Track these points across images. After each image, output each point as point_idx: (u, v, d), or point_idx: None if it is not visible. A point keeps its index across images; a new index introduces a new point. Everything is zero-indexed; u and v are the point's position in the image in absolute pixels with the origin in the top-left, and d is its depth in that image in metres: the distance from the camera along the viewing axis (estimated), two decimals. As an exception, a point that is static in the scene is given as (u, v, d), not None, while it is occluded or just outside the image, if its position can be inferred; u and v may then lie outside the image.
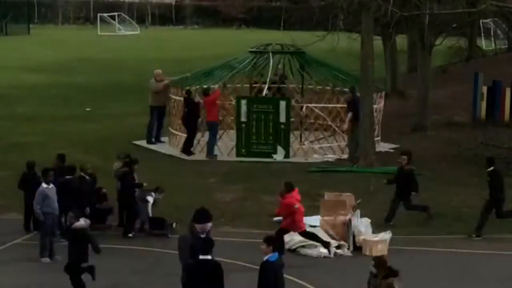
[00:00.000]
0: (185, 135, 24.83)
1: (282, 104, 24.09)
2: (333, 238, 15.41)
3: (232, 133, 24.76)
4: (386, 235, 15.61)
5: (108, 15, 76.54)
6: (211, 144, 24.01)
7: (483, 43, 51.76)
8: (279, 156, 23.79)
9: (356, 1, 23.23)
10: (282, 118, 23.90)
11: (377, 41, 28.63)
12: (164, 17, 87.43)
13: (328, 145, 24.79)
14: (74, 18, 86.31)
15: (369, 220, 16.12)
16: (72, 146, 25.56)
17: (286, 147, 24.00)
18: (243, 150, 24.08)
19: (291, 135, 24.61)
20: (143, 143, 26.27)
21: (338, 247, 15.29)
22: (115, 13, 77.17)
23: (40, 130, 28.71)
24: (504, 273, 14.34)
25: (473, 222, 17.40)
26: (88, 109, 33.49)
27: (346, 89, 25.20)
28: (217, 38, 63.44)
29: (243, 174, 22.07)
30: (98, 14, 76.33)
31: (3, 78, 41.92)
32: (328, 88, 26.25)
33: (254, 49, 27.00)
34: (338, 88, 25.95)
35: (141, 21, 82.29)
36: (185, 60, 43.81)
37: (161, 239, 16.16)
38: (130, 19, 79.03)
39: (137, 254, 15.09)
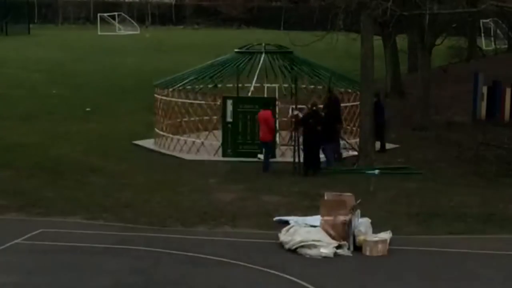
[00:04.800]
0: (171, 136, 25.05)
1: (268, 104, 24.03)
2: (333, 238, 15.40)
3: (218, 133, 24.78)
4: (386, 235, 15.61)
5: (108, 15, 76.62)
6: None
7: (483, 43, 51.81)
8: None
9: (355, 1, 23.24)
10: None
11: (377, 41, 28.63)
12: (164, 17, 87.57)
13: None
14: (74, 18, 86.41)
15: (369, 220, 16.12)
16: (72, 146, 25.61)
17: (273, 147, 23.96)
18: (229, 150, 24.07)
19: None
20: (144, 142, 26.29)
21: (338, 247, 15.29)
22: (115, 13, 77.25)
23: (40, 130, 28.71)
24: (504, 273, 14.33)
25: (473, 222, 17.41)
26: (88, 109, 33.50)
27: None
28: (217, 38, 63.45)
29: (243, 174, 22.07)
30: (98, 14, 76.42)
31: (3, 78, 41.95)
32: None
33: (240, 50, 27.11)
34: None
35: (141, 21, 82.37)
36: (185, 59, 43.81)
37: (161, 239, 16.17)
38: (130, 19, 79.09)
39: (137, 254, 15.08)
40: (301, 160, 22.10)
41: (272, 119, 22.74)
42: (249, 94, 25.37)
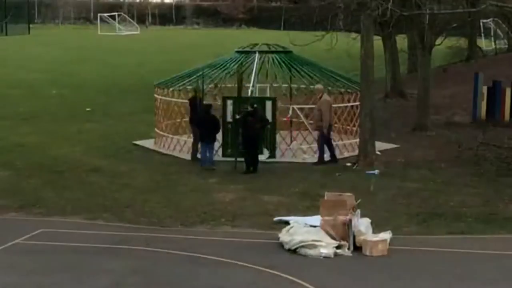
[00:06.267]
0: (171, 136, 25.12)
1: (268, 104, 24.01)
2: (333, 238, 15.40)
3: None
4: (386, 235, 15.61)
5: (108, 15, 76.67)
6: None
7: (483, 43, 51.82)
8: (264, 156, 23.74)
9: (355, 1, 23.24)
10: (268, 118, 23.84)
11: (377, 41, 28.63)
12: (164, 17, 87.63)
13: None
14: (74, 18, 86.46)
15: (369, 220, 16.12)
16: (72, 146, 25.61)
17: (272, 147, 23.96)
18: (229, 151, 24.06)
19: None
20: (144, 143, 26.29)
21: (338, 247, 15.29)
22: (115, 13, 77.29)
23: (40, 130, 28.71)
24: (504, 273, 14.33)
25: (473, 222, 17.41)
26: (88, 109, 33.51)
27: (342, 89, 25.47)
28: (217, 38, 63.45)
29: (243, 174, 22.05)
30: (98, 14, 76.50)
31: (3, 78, 41.97)
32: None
33: (240, 49, 27.10)
34: (329, 88, 25.95)
35: (141, 21, 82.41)
36: (185, 59, 43.81)
37: (161, 239, 16.15)
38: (130, 19, 79.11)
39: (137, 254, 15.08)
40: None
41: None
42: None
